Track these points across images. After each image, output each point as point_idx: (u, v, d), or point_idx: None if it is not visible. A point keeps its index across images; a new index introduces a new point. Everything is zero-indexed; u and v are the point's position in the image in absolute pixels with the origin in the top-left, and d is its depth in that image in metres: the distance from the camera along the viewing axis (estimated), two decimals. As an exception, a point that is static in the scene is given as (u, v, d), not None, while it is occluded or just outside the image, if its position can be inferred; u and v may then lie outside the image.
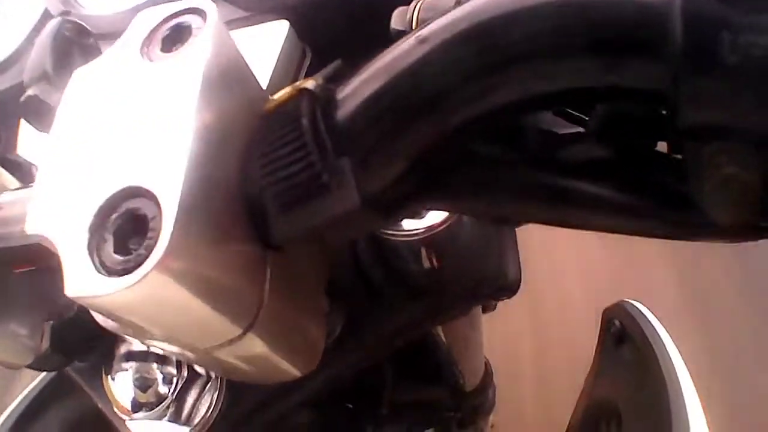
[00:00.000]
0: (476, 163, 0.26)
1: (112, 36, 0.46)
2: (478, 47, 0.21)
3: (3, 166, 0.41)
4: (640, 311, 0.68)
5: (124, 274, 0.21)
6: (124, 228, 0.22)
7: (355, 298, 0.38)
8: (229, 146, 0.25)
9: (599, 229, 0.27)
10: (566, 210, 0.26)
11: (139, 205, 0.22)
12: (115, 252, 0.21)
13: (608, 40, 0.20)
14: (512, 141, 0.26)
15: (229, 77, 0.25)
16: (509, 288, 0.41)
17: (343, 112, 0.23)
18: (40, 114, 0.35)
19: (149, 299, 0.21)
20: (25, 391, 0.64)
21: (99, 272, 0.21)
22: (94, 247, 0.22)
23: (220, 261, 0.23)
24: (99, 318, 0.28)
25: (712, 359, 1.28)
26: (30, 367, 0.41)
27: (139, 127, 0.24)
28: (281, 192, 0.23)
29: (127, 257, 0.21)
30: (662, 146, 0.25)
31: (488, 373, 0.69)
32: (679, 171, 0.23)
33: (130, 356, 0.40)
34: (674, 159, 0.24)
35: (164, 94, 0.24)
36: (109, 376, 0.41)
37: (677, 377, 0.61)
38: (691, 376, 0.60)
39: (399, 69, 0.23)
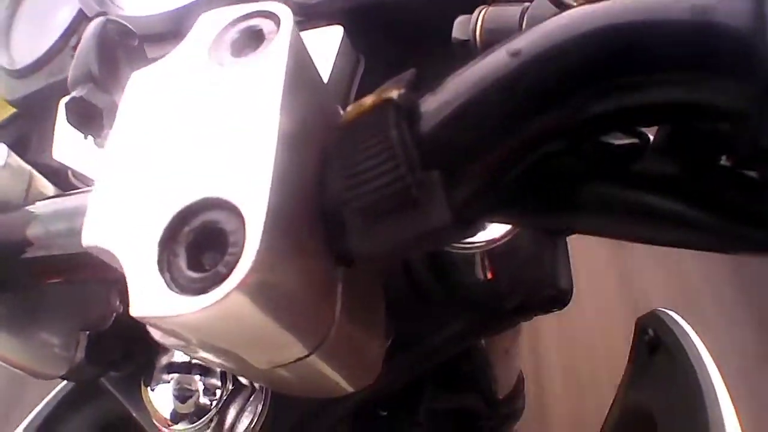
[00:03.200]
0: (553, 176, 0.25)
1: (154, 38, 0.45)
2: (574, 61, 0.21)
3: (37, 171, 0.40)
4: (674, 320, 0.67)
5: (200, 293, 0.19)
6: (198, 242, 0.20)
7: (406, 309, 0.37)
8: (308, 155, 0.23)
9: (667, 243, 0.27)
10: (638, 224, 0.26)
11: (216, 218, 0.20)
12: (188, 268, 0.20)
13: (698, 57, 0.20)
14: (584, 155, 0.25)
15: (305, 84, 0.24)
16: (561, 300, 0.40)
17: (430, 124, 0.22)
18: (86, 117, 0.34)
19: (222, 319, 0.20)
20: (49, 396, 0.63)
21: (171, 290, 0.20)
22: (165, 263, 0.20)
23: (296, 278, 0.22)
24: (155, 334, 0.27)
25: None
26: (63, 377, 0.40)
27: (214, 133, 0.22)
28: (367, 206, 0.22)
29: (203, 274, 0.20)
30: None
31: (520, 381, 0.68)
32: (748, 187, 0.23)
33: (172, 368, 0.39)
34: (742, 174, 0.23)
35: (242, 100, 0.23)
36: (148, 388, 0.40)
37: (713, 385, 0.61)
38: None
39: (489, 82, 0.22)
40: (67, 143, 0.45)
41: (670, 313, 0.68)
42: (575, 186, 0.25)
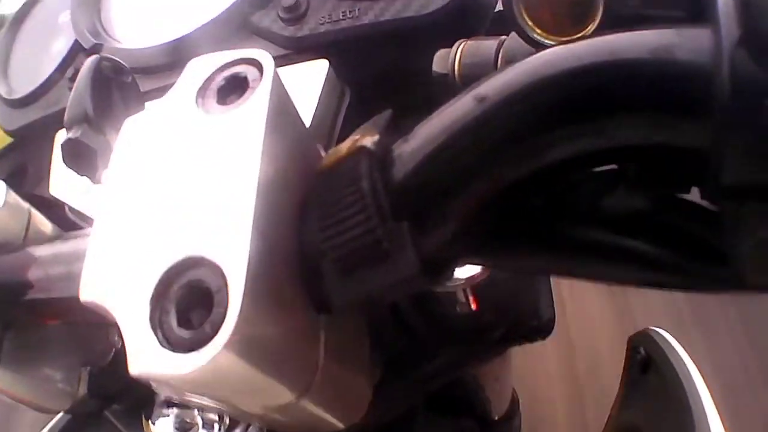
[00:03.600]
0: (524, 220, 0.26)
1: (148, 71, 0.46)
2: (536, 106, 0.21)
3: (32, 203, 0.41)
4: (666, 339, 0.68)
5: (189, 351, 0.20)
6: (187, 299, 0.21)
7: (393, 344, 0.37)
8: (287, 206, 0.24)
9: (636, 284, 0.27)
10: (609, 265, 0.26)
11: (201, 277, 0.21)
12: (178, 325, 0.21)
13: (658, 98, 0.20)
14: (552, 196, 0.26)
15: (287, 131, 0.25)
16: (544, 330, 0.41)
17: (401, 172, 0.23)
18: (81, 158, 0.35)
19: (211, 374, 0.21)
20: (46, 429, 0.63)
21: (164, 347, 0.21)
22: (157, 321, 0.21)
23: (280, 329, 0.23)
24: (153, 384, 0.28)
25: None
26: (67, 412, 0.40)
27: (198, 186, 0.23)
28: (341, 257, 0.22)
29: (192, 332, 0.21)
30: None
31: (515, 401, 0.68)
32: (712, 223, 0.23)
33: (172, 402, 0.40)
34: (707, 210, 0.24)
35: (225, 152, 0.24)
36: (149, 421, 0.41)
37: (702, 404, 0.61)
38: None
39: (457, 128, 0.22)
40: (63, 179, 0.46)
41: (661, 332, 0.68)
42: (544, 228, 0.26)
